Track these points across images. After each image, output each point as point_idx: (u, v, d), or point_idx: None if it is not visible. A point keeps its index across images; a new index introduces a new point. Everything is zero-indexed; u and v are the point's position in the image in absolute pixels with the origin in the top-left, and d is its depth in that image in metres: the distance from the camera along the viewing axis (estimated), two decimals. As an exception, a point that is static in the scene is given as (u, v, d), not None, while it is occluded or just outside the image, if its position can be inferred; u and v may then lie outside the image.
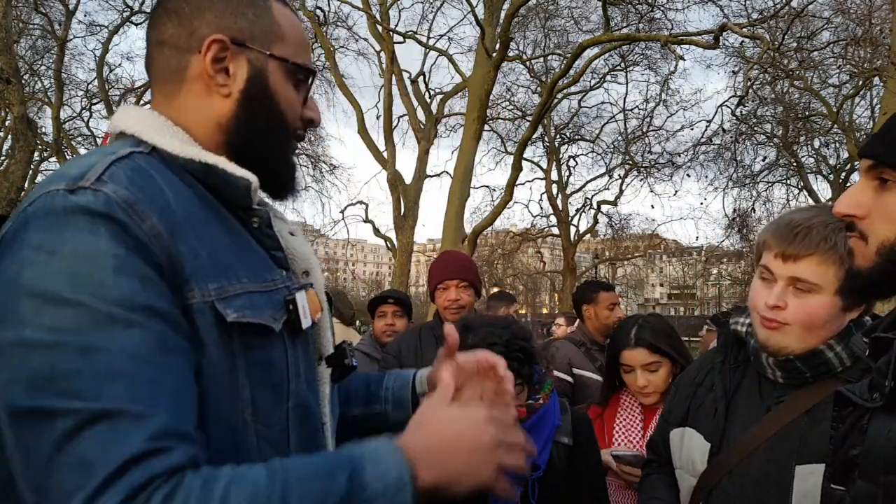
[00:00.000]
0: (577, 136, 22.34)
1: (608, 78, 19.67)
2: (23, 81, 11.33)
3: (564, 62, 12.42)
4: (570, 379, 3.47)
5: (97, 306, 0.73)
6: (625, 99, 20.81)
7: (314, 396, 0.99)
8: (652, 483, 1.72)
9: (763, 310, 1.39)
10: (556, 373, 3.35)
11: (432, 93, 17.52)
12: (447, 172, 16.88)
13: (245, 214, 0.96)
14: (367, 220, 19.07)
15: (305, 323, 0.96)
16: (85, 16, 32.59)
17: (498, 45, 11.38)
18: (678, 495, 1.59)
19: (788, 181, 20.02)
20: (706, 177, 20.64)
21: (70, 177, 0.80)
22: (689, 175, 19.98)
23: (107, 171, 0.81)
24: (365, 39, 19.06)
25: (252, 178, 0.94)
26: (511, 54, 15.60)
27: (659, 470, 1.71)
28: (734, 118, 16.35)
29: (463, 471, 0.85)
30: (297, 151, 1.09)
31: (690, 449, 1.52)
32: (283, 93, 0.99)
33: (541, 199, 23.42)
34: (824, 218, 1.36)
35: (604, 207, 23.06)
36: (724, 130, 17.00)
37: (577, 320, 4.19)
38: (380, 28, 14.38)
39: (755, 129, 17.80)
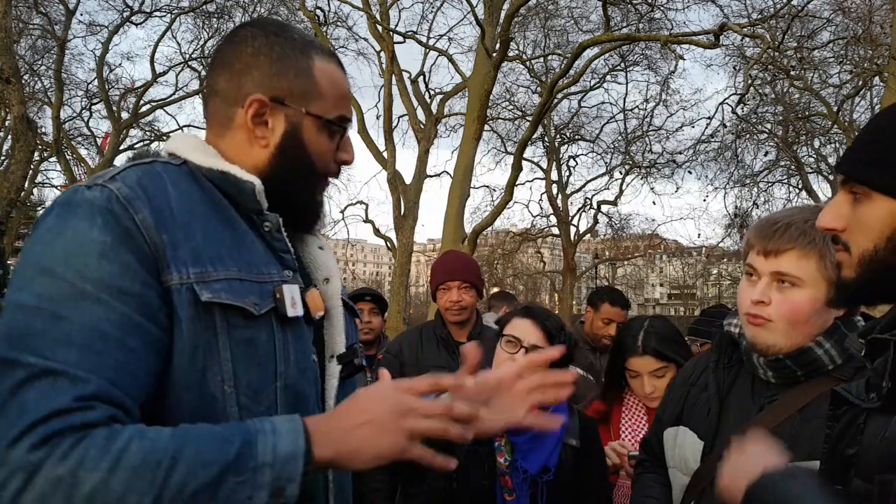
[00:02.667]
0: (577, 136, 22.35)
1: (608, 78, 19.69)
2: (23, 81, 11.33)
3: (564, 62, 12.41)
4: None
5: (76, 282, 0.87)
6: (625, 99, 20.90)
7: (309, 384, 1.07)
8: (645, 482, 1.72)
9: (747, 307, 1.40)
10: None
11: (432, 93, 17.54)
12: (447, 172, 16.91)
13: (258, 219, 1.08)
14: (367, 220, 19.09)
15: (291, 312, 1.04)
16: (84, 16, 32.58)
17: (498, 45, 11.38)
18: (671, 494, 1.60)
19: (789, 181, 20.03)
20: (706, 176, 20.66)
21: (97, 177, 0.98)
22: (690, 172, 19.98)
23: (121, 173, 0.97)
24: (365, 39, 19.16)
25: (256, 181, 1.05)
26: (511, 54, 15.60)
27: (652, 469, 1.72)
28: (735, 116, 16.36)
29: (361, 444, 0.91)
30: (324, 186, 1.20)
31: (684, 448, 1.53)
32: (315, 145, 1.11)
33: (541, 199, 23.41)
34: (804, 215, 1.39)
35: (604, 207, 23.08)
36: (724, 126, 17.01)
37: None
38: (380, 28, 14.36)
39: (756, 127, 17.80)
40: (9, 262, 4.43)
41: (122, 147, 18.35)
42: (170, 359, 0.93)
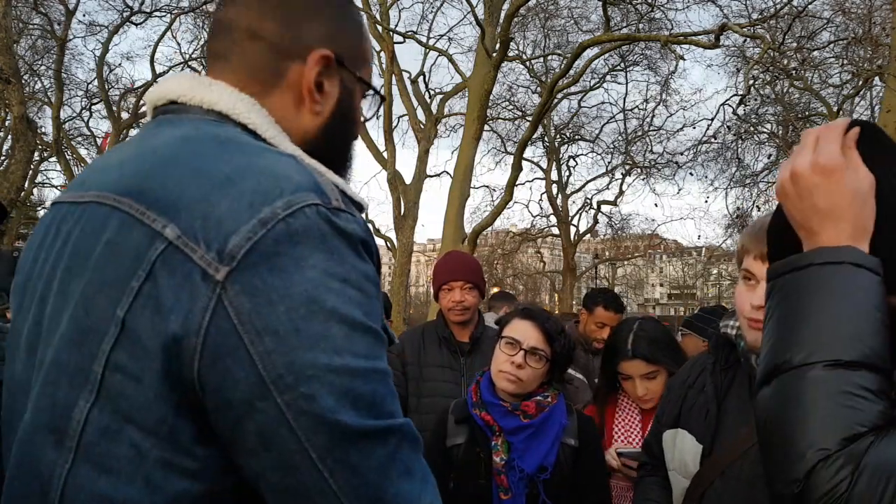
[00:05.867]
0: (577, 136, 22.36)
1: (608, 78, 19.70)
2: (23, 81, 11.34)
3: (564, 62, 12.42)
4: None
5: (379, 332, 0.78)
6: (625, 99, 20.88)
7: None
8: (646, 485, 1.72)
9: (749, 312, 1.40)
10: None
11: (432, 93, 17.56)
12: (447, 172, 16.92)
13: None
14: (366, 221, 19.06)
15: None
16: (85, 16, 32.57)
17: (498, 45, 11.38)
18: (671, 497, 1.59)
19: (789, 181, 19.98)
20: (706, 177, 20.64)
21: (304, 187, 0.75)
22: (692, 174, 19.98)
23: (318, 181, 0.78)
24: (365, 39, 19.04)
25: (365, 203, 0.90)
26: (511, 54, 15.61)
27: (653, 472, 1.72)
28: (735, 117, 16.37)
29: None
30: None
31: (683, 451, 1.53)
32: (359, 116, 0.97)
33: (541, 199, 23.43)
34: None
35: (604, 207, 23.10)
36: (728, 129, 17.01)
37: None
38: (380, 28, 14.36)
39: (756, 128, 17.82)
40: (14, 253, 4.34)
41: (122, 147, 18.34)
42: None
